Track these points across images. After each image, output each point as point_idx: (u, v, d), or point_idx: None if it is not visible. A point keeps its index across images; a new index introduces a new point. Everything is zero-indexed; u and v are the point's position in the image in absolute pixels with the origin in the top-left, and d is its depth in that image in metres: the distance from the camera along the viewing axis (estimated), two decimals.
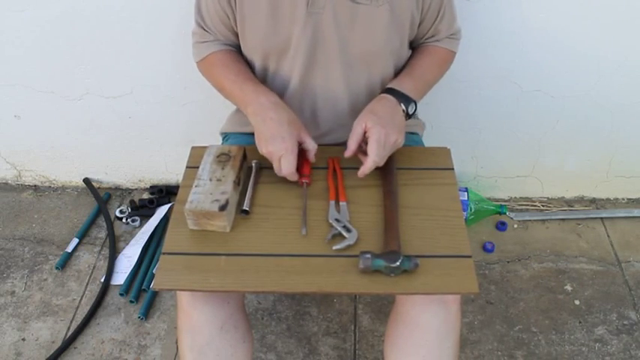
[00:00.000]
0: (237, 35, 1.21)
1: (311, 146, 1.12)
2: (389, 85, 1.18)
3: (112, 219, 1.92)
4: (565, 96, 1.67)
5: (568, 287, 1.70)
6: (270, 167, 1.10)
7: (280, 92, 1.24)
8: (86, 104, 1.77)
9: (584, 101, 1.67)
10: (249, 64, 1.25)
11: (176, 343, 1.55)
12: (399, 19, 1.14)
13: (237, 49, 1.26)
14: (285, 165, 1.08)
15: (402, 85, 1.18)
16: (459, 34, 1.31)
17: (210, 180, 1.08)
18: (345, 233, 1.03)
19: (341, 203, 1.10)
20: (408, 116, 1.16)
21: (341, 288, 0.98)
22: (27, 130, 1.87)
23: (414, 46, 1.29)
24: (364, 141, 1.10)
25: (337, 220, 1.06)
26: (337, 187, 1.13)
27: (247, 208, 1.08)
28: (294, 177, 1.10)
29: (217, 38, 1.24)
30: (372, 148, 1.07)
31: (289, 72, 1.20)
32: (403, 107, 1.14)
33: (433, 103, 1.54)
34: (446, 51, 1.28)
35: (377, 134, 1.07)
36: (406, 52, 1.26)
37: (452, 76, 1.40)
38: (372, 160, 1.07)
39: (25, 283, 1.74)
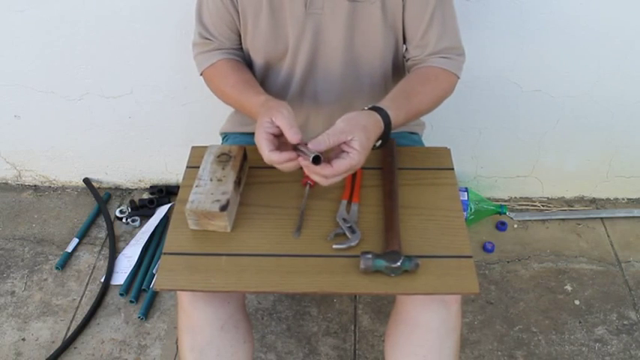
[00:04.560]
0: (240, 36, 1.21)
1: (282, 125, 0.98)
2: (390, 113, 1.04)
3: (112, 219, 1.92)
4: (565, 96, 1.67)
5: (568, 287, 1.70)
6: (272, 167, 1.09)
7: (281, 93, 1.24)
8: (86, 104, 1.77)
9: (584, 101, 1.67)
10: (250, 66, 1.25)
11: (176, 343, 1.55)
12: (392, 17, 1.14)
13: (240, 56, 1.24)
14: (263, 154, 0.98)
15: (397, 116, 1.05)
16: (459, 56, 1.19)
17: (211, 180, 1.07)
18: (348, 234, 1.03)
19: (353, 204, 1.10)
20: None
21: (342, 288, 0.97)
22: (27, 130, 1.87)
23: (407, 62, 1.22)
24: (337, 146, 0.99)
25: (344, 220, 1.06)
26: (354, 187, 1.12)
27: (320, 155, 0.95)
28: (280, 160, 0.97)
29: (221, 45, 1.21)
30: (343, 165, 0.95)
31: (291, 73, 1.21)
32: (378, 143, 1.04)
33: None
34: (438, 71, 1.16)
35: (357, 159, 0.96)
36: (402, 54, 1.25)
37: None
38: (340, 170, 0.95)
39: (25, 283, 1.74)
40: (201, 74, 1.25)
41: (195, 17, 1.22)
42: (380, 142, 1.04)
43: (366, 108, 1.04)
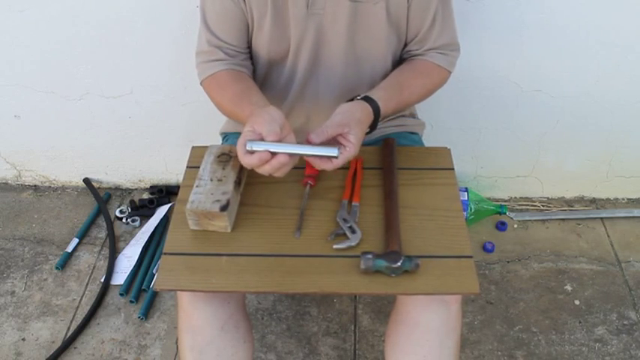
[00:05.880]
0: (247, 38, 1.19)
1: (261, 129, 0.97)
2: (380, 104, 1.08)
3: (112, 219, 1.92)
4: (565, 96, 1.67)
5: (568, 287, 1.70)
6: None
7: (283, 93, 1.24)
8: (86, 104, 1.77)
9: (584, 101, 1.67)
10: (253, 69, 1.24)
11: (176, 343, 1.55)
12: (396, 16, 1.14)
13: (244, 65, 1.21)
14: (240, 159, 0.98)
15: (387, 108, 1.10)
16: (453, 52, 1.22)
17: (211, 180, 1.07)
18: (349, 234, 1.03)
19: (353, 204, 1.10)
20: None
21: (342, 288, 0.97)
22: (27, 130, 1.87)
23: (403, 54, 1.23)
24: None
25: (344, 220, 1.06)
26: (354, 187, 1.13)
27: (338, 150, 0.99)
28: (252, 162, 0.96)
29: (226, 55, 1.18)
30: (343, 159, 0.99)
31: (293, 72, 1.21)
32: (367, 130, 1.08)
33: (433, 103, 1.54)
34: (433, 66, 1.20)
35: (353, 152, 1.00)
36: (402, 52, 1.25)
37: (452, 76, 1.39)
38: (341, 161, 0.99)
39: (25, 283, 1.74)
40: (201, 84, 1.22)
41: (200, 24, 1.18)
42: (368, 130, 1.08)
43: (358, 97, 1.08)
